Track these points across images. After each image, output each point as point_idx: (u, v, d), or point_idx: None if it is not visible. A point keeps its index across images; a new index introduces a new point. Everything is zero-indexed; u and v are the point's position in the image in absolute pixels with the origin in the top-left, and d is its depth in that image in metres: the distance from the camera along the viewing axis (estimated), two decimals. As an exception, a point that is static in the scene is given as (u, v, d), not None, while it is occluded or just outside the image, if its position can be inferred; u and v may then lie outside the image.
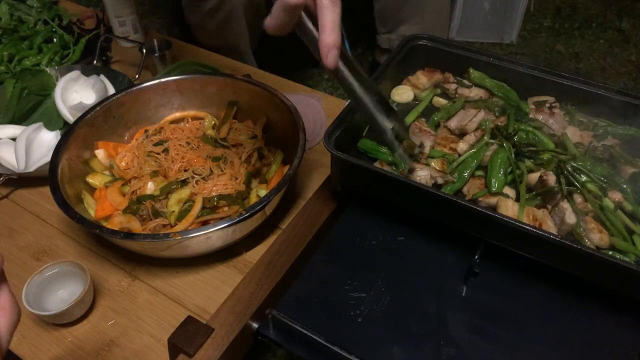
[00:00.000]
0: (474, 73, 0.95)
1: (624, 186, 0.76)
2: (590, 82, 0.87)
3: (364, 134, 0.89)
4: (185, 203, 0.82)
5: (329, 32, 0.57)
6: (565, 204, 0.73)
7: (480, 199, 0.77)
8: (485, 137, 0.82)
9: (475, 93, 0.94)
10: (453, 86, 0.96)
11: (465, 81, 0.96)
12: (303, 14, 0.59)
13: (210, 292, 0.79)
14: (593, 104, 0.87)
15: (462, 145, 0.84)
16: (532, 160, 0.80)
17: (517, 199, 0.76)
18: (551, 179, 0.75)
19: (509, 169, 0.78)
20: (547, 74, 0.90)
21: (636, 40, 2.01)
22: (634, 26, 2.07)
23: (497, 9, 1.93)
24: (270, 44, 1.66)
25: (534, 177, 0.78)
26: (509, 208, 0.73)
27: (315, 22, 0.59)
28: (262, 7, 1.46)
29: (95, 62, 1.18)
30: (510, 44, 1.99)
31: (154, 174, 0.87)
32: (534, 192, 0.77)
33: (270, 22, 0.58)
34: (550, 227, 0.72)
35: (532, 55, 1.95)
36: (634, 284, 0.64)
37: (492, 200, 0.76)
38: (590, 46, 1.99)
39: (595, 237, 0.71)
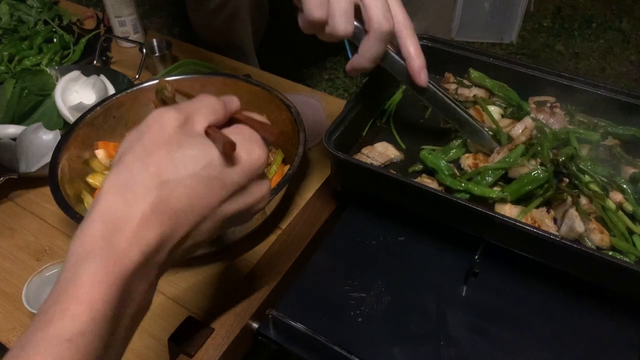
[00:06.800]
0: (474, 73, 0.95)
1: (625, 187, 0.76)
2: (590, 82, 0.87)
3: (364, 134, 0.89)
4: (185, 203, 0.82)
5: (416, 56, 0.66)
6: (574, 212, 0.71)
7: (480, 199, 0.77)
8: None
9: (475, 93, 0.93)
10: (453, 86, 0.95)
11: (465, 81, 0.96)
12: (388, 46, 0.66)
13: (210, 292, 0.79)
14: (593, 104, 0.87)
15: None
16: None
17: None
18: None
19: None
20: (547, 74, 0.90)
21: (636, 40, 2.01)
22: (634, 26, 2.07)
23: (497, 9, 1.93)
24: (271, 45, 1.67)
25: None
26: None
27: (397, 52, 0.68)
28: (266, 5, 1.46)
29: (95, 62, 1.18)
30: (510, 44, 1.99)
31: (154, 174, 0.87)
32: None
33: (360, 61, 0.65)
34: (548, 227, 0.72)
35: (532, 55, 1.95)
36: (634, 284, 0.64)
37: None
38: (590, 46, 1.99)
39: (596, 237, 0.71)
